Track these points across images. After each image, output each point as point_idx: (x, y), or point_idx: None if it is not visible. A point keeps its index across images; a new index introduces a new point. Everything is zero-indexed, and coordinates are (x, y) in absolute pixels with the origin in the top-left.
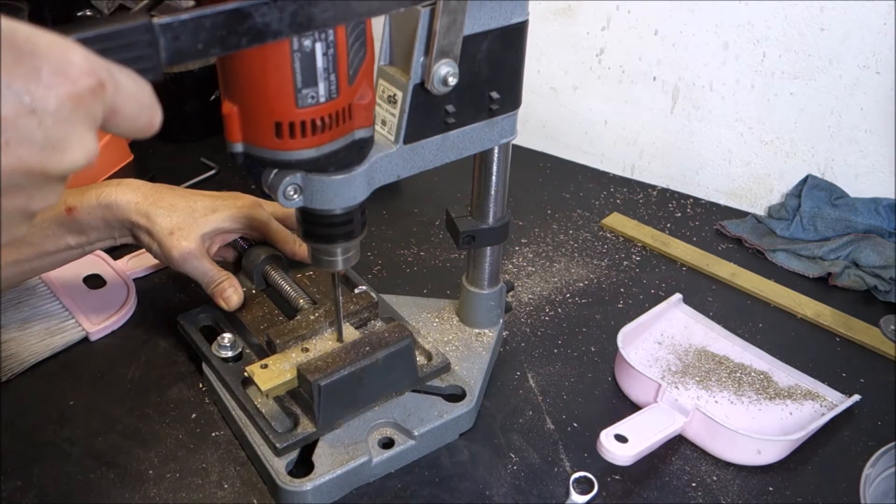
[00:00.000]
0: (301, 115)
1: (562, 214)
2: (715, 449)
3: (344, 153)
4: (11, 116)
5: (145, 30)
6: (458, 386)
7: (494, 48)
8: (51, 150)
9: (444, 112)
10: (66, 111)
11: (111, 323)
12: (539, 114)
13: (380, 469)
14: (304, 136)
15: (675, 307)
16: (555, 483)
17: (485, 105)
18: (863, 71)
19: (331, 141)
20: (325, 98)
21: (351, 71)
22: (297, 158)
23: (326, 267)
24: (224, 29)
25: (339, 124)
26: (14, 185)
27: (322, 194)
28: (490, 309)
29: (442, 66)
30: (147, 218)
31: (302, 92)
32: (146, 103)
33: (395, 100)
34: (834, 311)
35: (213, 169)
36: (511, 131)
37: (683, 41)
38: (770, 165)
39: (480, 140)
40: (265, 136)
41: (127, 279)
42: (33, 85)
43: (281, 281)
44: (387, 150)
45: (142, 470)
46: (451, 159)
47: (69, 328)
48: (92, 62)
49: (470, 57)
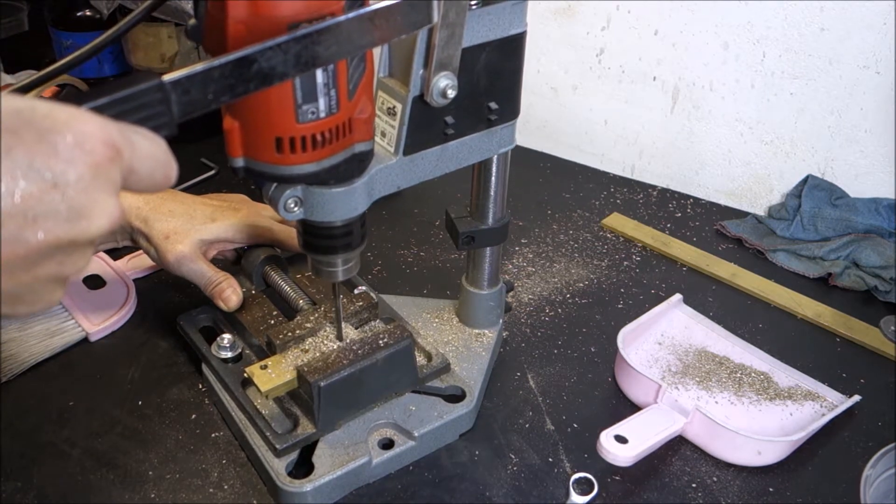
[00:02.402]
0: (301, 130)
1: (562, 214)
2: (715, 450)
3: (344, 167)
4: (36, 193)
5: (157, 89)
6: (458, 387)
7: (493, 59)
8: (76, 220)
9: (444, 123)
10: (86, 181)
11: (111, 323)
12: (539, 114)
13: (380, 470)
14: (304, 150)
15: (676, 307)
16: (555, 484)
17: (483, 115)
18: (863, 71)
19: (331, 155)
20: (325, 113)
21: (350, 86)
22: (297, 173)
23: (326, 277)
24: (232, 77)
25: (339, 138)
26: (45, 256)
27: (322, 207)
28: (490, 309)
29: (441, 79)
30: (145, 223)
31: (302, 108)
32: (162, 160)
33: (395, 112)
34: (834, 311)
35: (213, 169)
36: (510, 140)
37: (683, 41)
38: (770, 165)
39: (479, 150)
40: (266, 150)
41: (127, 279)
42: (53, 161)
43: (280, 281)
44: (387, 161)
45: (141, 471)
46: (451, 169)
47: (69, 329)
48: (107, 131)
49: (469, 69)
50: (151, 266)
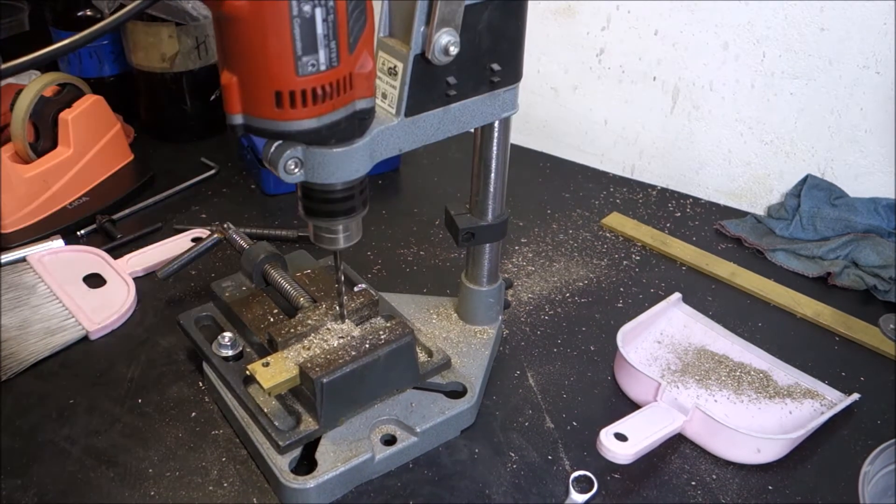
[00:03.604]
0: (301, 83)
1: (562, 214)
2: (715, 447)
3: (345, 124)
4: None
5: None
6: (459, 383)
7: (495, 18)
8: None
9: (446, 84)
10: None
11: (111, 322)
12: (539, 114)
13: (383, 466)
14: (304, 105)
15: (675, 306)
16: (554, 482)
17: (486, 77)
18: (863, 71)
19: (332, 111)
20: (325, 66)
21: (351, 38)
22: (297, 129)
23: (328, 245)
24: None
25: (340, 94)
26: None
27: (323, 168)
28: (489, 306)
29: (443, 35)
30: None
31: (302, 59)
32: None
33: (396, 72)
34: (833, 310)
35: (213, 169)
36: (512, 105)
37: (683, 41)
38: (770, 165)
39: (482, 113)
40: (265, 106)
41: (127, 278)
42: None
43: (281, 280)
44: (388, 123)
45: (142, 469)
46: (453, 133)
47: (69, 327)
48: None
49: (471, 27)
50: (151, 265)
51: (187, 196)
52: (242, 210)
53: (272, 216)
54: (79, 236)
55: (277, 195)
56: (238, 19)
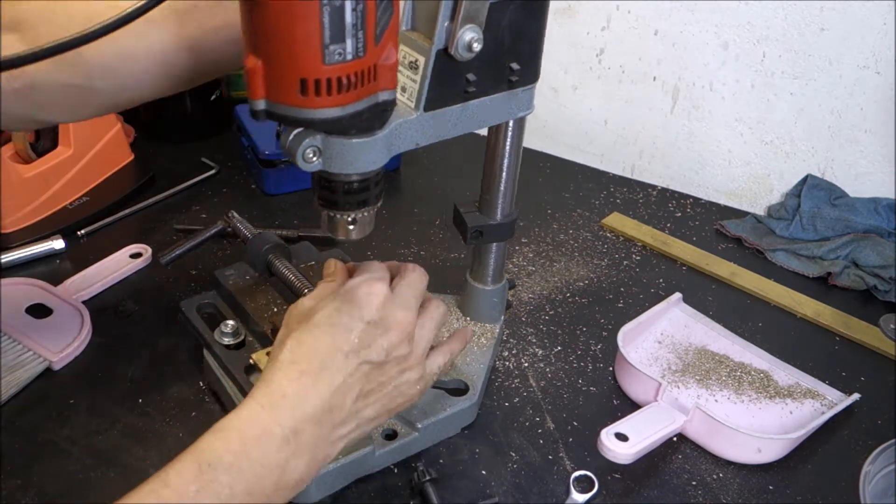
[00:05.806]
0: (327, 71)
1: (562, 214)
2: (715, 447)
3: (367, 115)
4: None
5: None
6: (460, 380)
7: (517, 17)
8: None
9: (466, 80)
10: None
11: (73, 349)
12: (539, 114)
13: (382, 460)
14: (329, 93)
15: (675, 306)
16: (555, 481)
17: (505, 76)
18: (863, 71)
19: (355, 101)
20: (351, 55)
21: (378, 29)
22: (320, 117)
23: (341, 235)
24: None
25: (364, 84)
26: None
27: (342, 158)
28: (493, 305)
29: (467, 32)
30: None
31: (329, 48)
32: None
33: (417, 66)
34: (833, 310)
35: (214, 169)
36: (528, 105)
37: (683, 41)
38: (770, 165)
39: (499, 112)
40: (289, 92)
41: (74, 302)
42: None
43: (285, 270)
44: (406, 116)
45: (142, 468)
46: (470, 130)
47: (28, 361)
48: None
49: (493, 25)
50: (97, 284)
51: (187, 196)
52: (243, 210)
53: (272, 216)
54: (79, 236)
55: (278, 195)
56: (269, 4)
